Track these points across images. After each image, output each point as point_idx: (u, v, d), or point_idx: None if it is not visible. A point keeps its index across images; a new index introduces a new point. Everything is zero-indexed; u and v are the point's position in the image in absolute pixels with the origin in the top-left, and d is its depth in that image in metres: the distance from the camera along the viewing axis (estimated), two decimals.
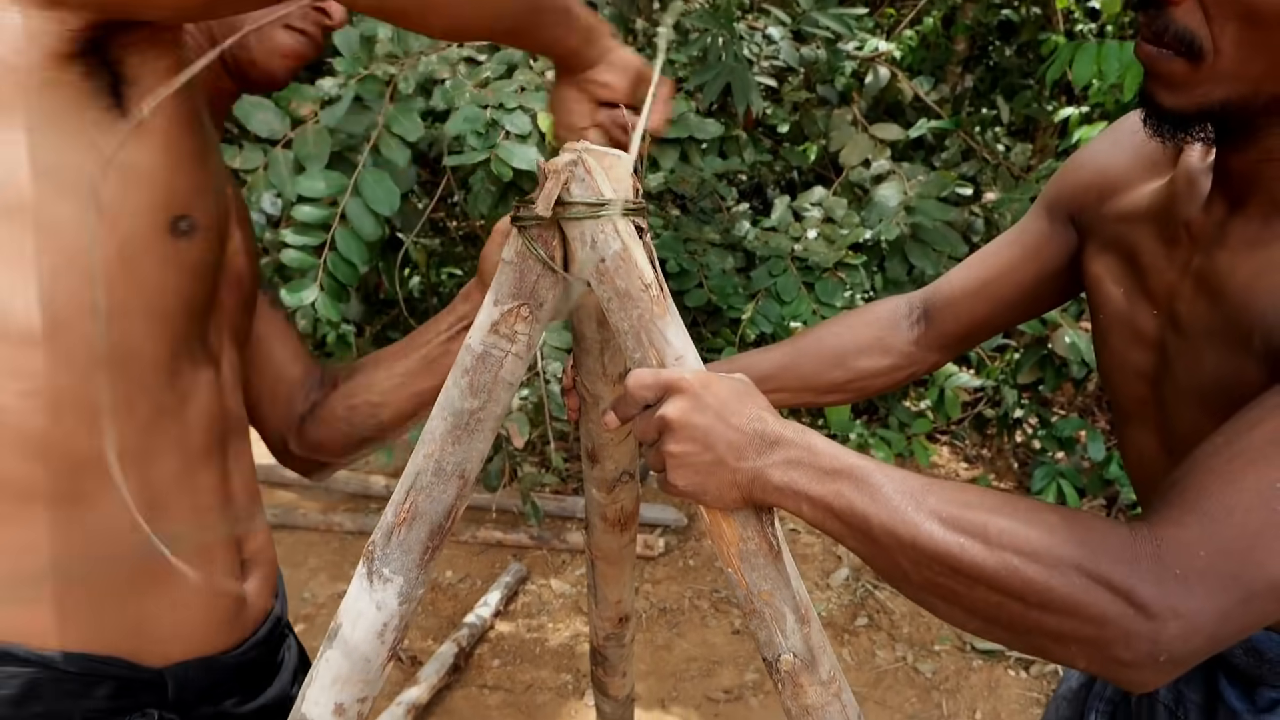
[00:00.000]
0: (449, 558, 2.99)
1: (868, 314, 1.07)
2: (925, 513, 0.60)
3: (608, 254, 0.69)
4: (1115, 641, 0.56)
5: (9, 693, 0.67)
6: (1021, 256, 0.98)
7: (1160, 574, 0.55)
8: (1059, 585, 0.56)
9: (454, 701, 2.37)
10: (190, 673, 0.79)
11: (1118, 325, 0.86)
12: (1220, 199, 0.75)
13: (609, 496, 0.95)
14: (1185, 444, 0.79)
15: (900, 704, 2.40)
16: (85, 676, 0.71)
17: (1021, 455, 3.59)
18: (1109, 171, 0.89)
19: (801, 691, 0.70)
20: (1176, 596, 0.55)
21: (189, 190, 0.73)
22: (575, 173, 0.69)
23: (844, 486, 0.62)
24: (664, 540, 3.03)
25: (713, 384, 0.66)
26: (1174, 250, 0.79)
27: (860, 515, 0.61)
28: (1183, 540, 0.56)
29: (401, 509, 0.72)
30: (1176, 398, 0.79)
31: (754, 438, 0.64)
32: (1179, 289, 0.78)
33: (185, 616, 0.78)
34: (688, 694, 2.42)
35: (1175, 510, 0.57)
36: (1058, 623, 0.57)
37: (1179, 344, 0.78)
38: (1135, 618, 0.55)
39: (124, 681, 0.72)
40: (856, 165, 2.95)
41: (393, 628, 0.75)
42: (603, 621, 1.12)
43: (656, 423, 0.66)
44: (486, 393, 0.70)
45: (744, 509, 0.68)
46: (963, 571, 0.59)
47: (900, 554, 0.61)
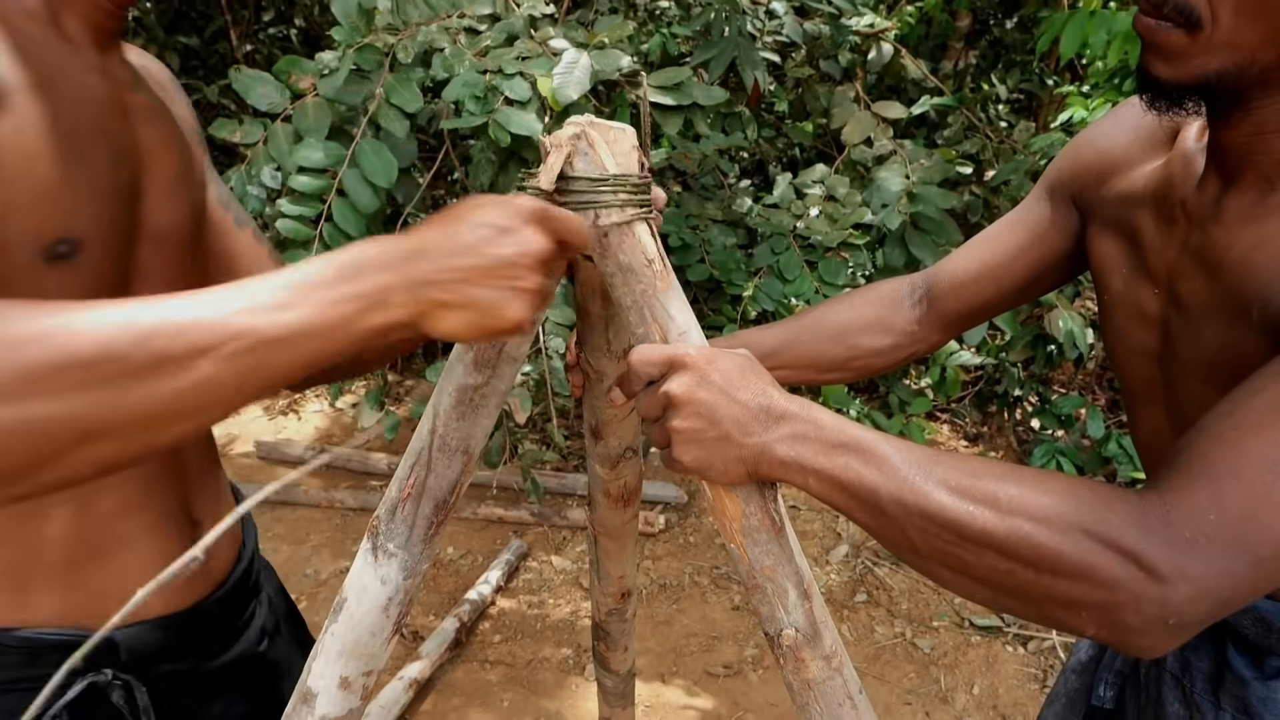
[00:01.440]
0: (450, 534, 3.00)
1: (870, 293, 1.08)
2: (934, 482, 0.60)
3: (610, 228, 0.69)
4: (1125, 605, 0.56)
5: None
6: (1024, 239, 0.98)
7: (1169, 537, 0.55)
8: (1069, 549, 0.56)
9: (455, 676, 2.38)
10: (141, 634, 0.79)
11: (1122, 306, 0.87)
12: (1214, 175, 0.76)
13: (612, 472, 0.95)
14: (1192, 420, 0.79)
15: (899, 679, 2.42)
16: (30, 649, 0.72)
17: (1021, 433, 3.60)
18: (1109, 153, 0.90)
19: (803, 666, 0.71)
20: (1185, 559, 0.55)
21: (64, 206, 0.65)
22: (578, 146, 0.68)
23: (851, 459, 0.62)
24: (664, 517, 3.04)
25: (717, 359, 0.66)
26: (1172, 229, 0.80)
27: (868, 487, 0.61)
28: (1191, 504, 0.56)
29: (406, 484, 0.72)
30: (1181, 375, 0.80)
31: (759, 412, 0.64)
32: (1178, 267, 0.79)
33: (131, 580, 0.76)
34: (688, 669, 2.44)
35: (1182, 475, 0.58)
36: (1068, 588, 0.57)
37: (1180, 322, 0.79)
38: (1145, 581, 0.55)
39: (72, 649, 0.69)
40: (859, 143, 2.93)
41: (397, 602, 0.75)
42: (605, 597, 1.13)
43: (661, 399, 0.65)
44: (490, 368, 0.70)
45: (748, 484, 0.68)
46: (973, 539, 0.59)
47: (909, 524, 0.61)
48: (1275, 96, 0.68)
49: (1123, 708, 0.97)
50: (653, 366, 0.67)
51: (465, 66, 1.94)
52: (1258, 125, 0.69)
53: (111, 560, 0.76)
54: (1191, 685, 0.86)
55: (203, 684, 0.86)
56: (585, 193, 0.68)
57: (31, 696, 0.69)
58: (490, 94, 1.89)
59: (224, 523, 0.53)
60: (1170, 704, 0.88)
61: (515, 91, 1.88)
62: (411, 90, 1.94)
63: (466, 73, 1.91)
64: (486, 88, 1.89)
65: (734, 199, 3.04)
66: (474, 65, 1.95)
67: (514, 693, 2.34)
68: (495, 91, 1.90)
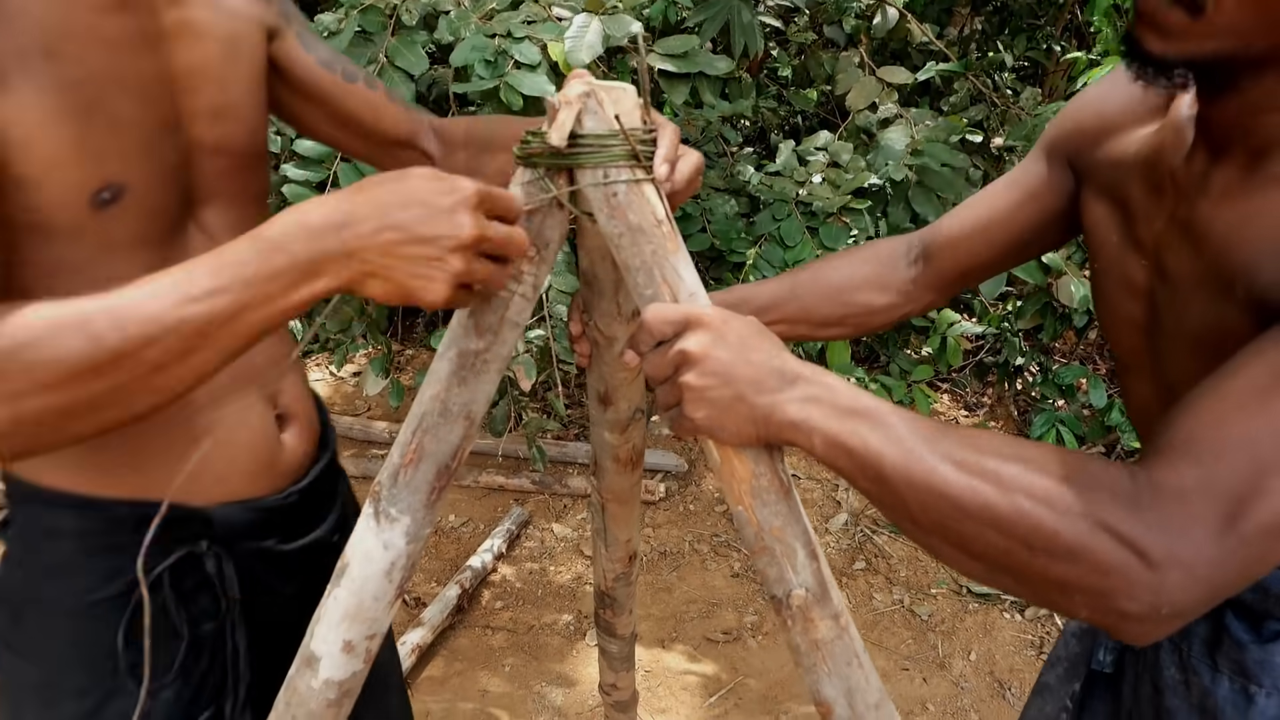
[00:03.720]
0: (452, 502, 3.01)
1: (867, 251, 1.08)
2: (939, 455, 0.60)
3: (620, 188, 0.68)
4: (1119, 591, 0.56)
5: (79, 527, 0.82)
6: (1021, 199, 0.98)
7: (1161, 522, 0.56)
8: (1067, 531, 0.56)
9: (458, 642, 2.41)
10: (233, 513, 0.88)
11: (1112, 274, 0.87)
12: (1202, 149, 0.75)
13: (622, 437, 0.95)
14: (1179, 392, 0.79)
15: (896, 645, 2.45)
16: (140, 518, 0.79)
17: (1022, 403, 3.60)
18: (1105, 115, 0.89)
19: (813, 626, 0.71)
20: (1176, 544, 0.55)
21: (95, 159, 0.70)
22: (588, 104, 0.67)
23: (860, 425, 0.62)
24: (665, 485, 3.05)
25: (731, 320, 0.66)
26: (1160, 200, 0.79)
27: (874, 454, 0.61)
28: (1176, 486, 0.57)
29: (408, 450, 0.72)
30: (1168, 347, 0.80)
31: (773, 373, 0.64)
32: (1165, 239, 0.78)
33: (226, 465, 0.87)
34: (688, 635, 2.46)
35: (1165, 455, 0.58)
36: (1063, 570, 0.57)
37: (1166, 294, 0.79)
38: (1139, 567, 0.55)
39: (174, 519, 0.80)
40: (863, 109, 2.90)
41: (400, 567, 0.75)
42: (612, 563, 1.13)
43: (675, 356, 0.65)
44: (493, 333, 0.70)
45: (756, 445, 0.68)
46: (973, 515, 0.59)
47: (911, 495, 0.61)
48: (1265, 77, 0.67)
49: (1122, 672, 0.98)
50: (668, 325, 0.66)
51: (471, 30, 1.92)
52: (1246, 104, 0.69)
53: (213, 446, 0.85)
54: (1189, 649, 0.87)
55: (281, 563, 0.95)
56: (595, 149, 0.67)
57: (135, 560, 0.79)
58: (500, 58, 1.88)
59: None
60: (1167, 668, 0.89)
61: (525, 55, 1.86)
62: (416, 53, 1.92)
63: (474, 36, 1.89)
64: (496, 52, 1.87)
65: (736, 167, 3.01)
66: (480, 29, 1.93)
67: (516, 658, 2.36)
68: (505, 55, 1.88)
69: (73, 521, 0.83)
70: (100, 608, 0.84)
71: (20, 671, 0.86)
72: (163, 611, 0.85)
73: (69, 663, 0.84)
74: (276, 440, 0.93)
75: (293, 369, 0.98)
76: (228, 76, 0.84)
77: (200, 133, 0.82)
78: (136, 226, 0.75)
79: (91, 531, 0.83)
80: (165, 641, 0.86)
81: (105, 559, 0.83)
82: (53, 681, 0.85)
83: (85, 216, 0.71)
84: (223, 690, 0.91)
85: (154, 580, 0.84)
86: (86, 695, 0.84)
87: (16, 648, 0.86)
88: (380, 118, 1.03)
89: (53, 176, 0.68)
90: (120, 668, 0.83)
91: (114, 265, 0.75)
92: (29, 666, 0.85)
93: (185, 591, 0.87)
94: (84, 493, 0.82)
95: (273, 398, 0.93)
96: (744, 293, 1.03)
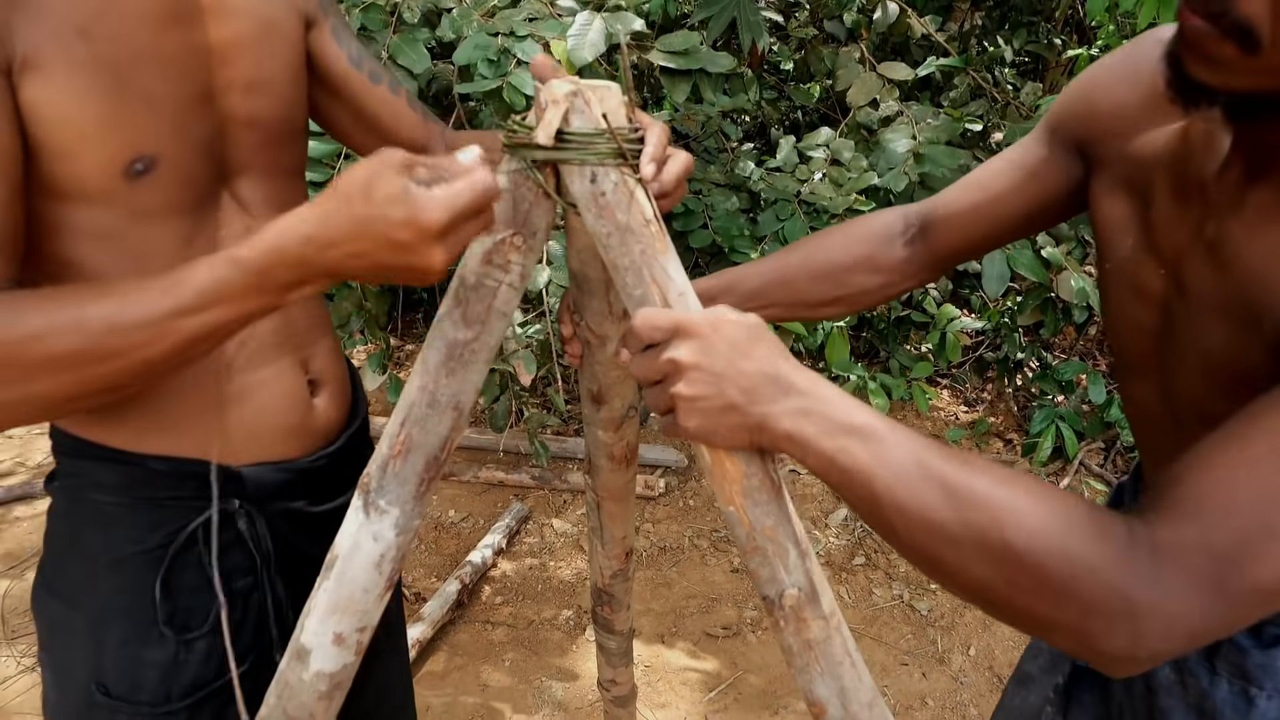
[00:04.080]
0: (451, 497, 3.02)
1: (860, 228, 1.04)
2: (933, 482, 0.60)
3: (608, 187, 0.68)
4: (1098, 634, 0.56)
5: (118, 480, 0.86)
6: (1022, 179, 0.94)
7: (1153, 575, 0.55)
8: (1053, 571, 0.56)
9: (458, 637, 2.41)
10: (264, 473, 0.92)
11: (1123, 277, 0.83)
12: (1239, 163, 0.70)
13: (615, 435, 0.95)
14: (1185, 404, 0.78)
15: (896, 640, 2.45)
16: (174, 474, 0.86)
17: (1021, 399, 3.60)
18: (1124, 106, 0.84)
19: (805, 626, 0.71)
20: (1165, 598, 0.55)
21: (127, 132, 0.74)
22: (575, 104, 0.67)
23: (852, 443, 0.61)
24: (664, 481, 3.05)
25: (723, 325, 0.65)
26: (1186, 208, 0.75)
27: (865, 475, 0.61)
28: (1178, 543, 0.56)
29: (396, 441, 0.72)
30: (1178, 361, 0.77)
31: (766, 381, 0.63)
32: (1189, 252, 0.75)
33: (258, 427, 0.91)
34: (687, 630, 2.46)
35: (1172, 510, 0.57)
36: (1046, 609, 0.57)
37: (1184, 309, 0.75)
38: (1121, 614, 0.55)
39: (207, 478, 0.87)
40: (864, 105, 2.90)
41: (390, 559, 0.75)
42: (609, 560, 1.13)
43: (665, 365, 0.64)
44: (480, 324, 0.70)
45: (750, 450, 0.67)
46: (961, 545, 0.59)
47: (900, 520, 0.61)
48: None
49: None
50: (657, 331, 0.65)
51: (473, 29, 1.92)
52: None
53: (241, 406, 0.89)
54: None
55: (310, 524, 0.97)
56: (581, 146, 0.67)
57: (173, 513, 0.87)
58: (503, 57, 1.88)
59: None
60: (1161, 668, 0.87)
61: (527, 54, 1.86)
62: (418, 50, 1.92)
63: (476, 34, 1.89)
64: (499, 50, 1.87)
65: (736, 162, 3.01)
66: (482, 26, 1.93)
67: (516, 652, 2.36)
68: (508, 54, 1.88)
69: (114, 475, 0.86)
70: (139, 559, 0.87)
71: (65, 619, 0.89)
72: (198, 566, 0.89)
73: (110, 611, 0.88)
74: (308, 404, 0.96)
75: (326, 336, 1.00)
76: (263, 52, 0.87)
77: (234, 105, 0.85)
78: (170, 196, 0.79)
79: (131, 485, 0.87)
80: (200, 595, 0.89)
81: (145, 512, 0.87)
82: (96, 629, 0.88)
83: (119, 186, 0.75)
84: (260, 644, 0.94)
85: (189, 536, 0.88)
86: (127, 643, 0.88)
87: (61, 595, 0.89)
88: (399, 123, 1.05)
89: (87, 149, 0.72)
90: (158, 618, 0.87)
91: (149, 232, 0.80)
92: (73, 614, 0.89)
93: (219, 548, 0.90)
94: (124, 448, 0.86)
95: (305, 363, 0.96)
96: (733, 277, 1.01)
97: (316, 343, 0.98)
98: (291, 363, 0.94)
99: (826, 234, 1.05)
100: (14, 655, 2.27)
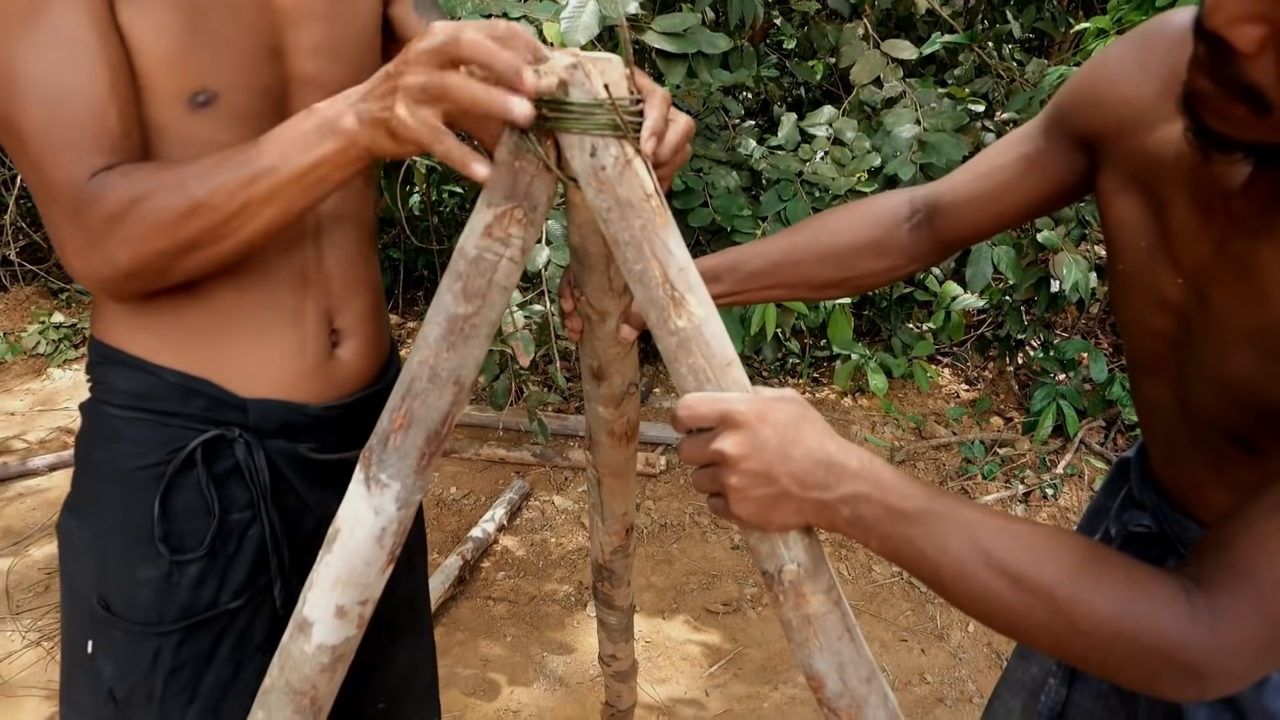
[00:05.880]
0: (453, 474, 3.03)
1: (866, 211, 1.03)
2: (994, 571, 0.63)
3: (608, 161, 0.67)
4: (1167, 690, 0.63)
5: (132, 388, 0.90)
6: (1026, 169, 0.94)
7: (1215, 646, 0.60)
8: (1119, 651, 0.61)
9: (461, 612, 2.43)
10: (270, 409, 0.94)
11: (1138, 282, 0.81)
12: (1265, 184, 0.68)
13: (616, 411, 0.95)
14: (1202, 411, 0.78)
15: (895, 617, 2.46)
16: (184, 388, 0.90)
17: (1023, 377, 3.60)
18: (1135, 102, 0.81)
19: (804, 601, 0.71)
20: (1225, 662, 0.60)
21: (195, 67, 0.81)
22: (574, 76, 0.67)
23: (914, 532, 0.64)
24: (665, 458, 3.06)
25: (769, 412, 0.65)
26: (1208, 220, 0.73)
27: (930, 565, 0.64)
28: (1235, 613, 0.60)
29: (397, 415, 0.72)
30: (1197, 372, 0.76)
31: (818, 467, 0.65)
32: (1213, 269, 0.72)
33: (267, 361, 0.93)
34: (688, 606, 2.48)
35: (1226, 577, 0.61)
36: (1114, 674, 0.63)
37: (1207, 327, 0.74)
38: (1187, 674, 0.61)
39: (213, 400, 0.91)
40: (867, 84, 2.87)
41: (391, 532, 0.75)
42: (610, 536, 1.13)
43: (713, 454, 0.66)
44: (480, 298, 0.70)
45: None
46: (1029, 628, 0.64)
47: (967, 605, 0.65)
48: None
49: None
50: (703, 420, 0.67)
51: (468, 10, 1.91)
52: None
53: (254, 340, 0.92)
54: None
55: (313, 471, 0.99)
56: (580, 115, 0.66)
57: (177, 432, 0.90)
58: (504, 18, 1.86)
59: None
60: None
61: None
62: None
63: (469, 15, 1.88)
64: None
65: (737, 140, 2.99)
66: (476, 7, 1.91)
67: (518, 628, 2.38)
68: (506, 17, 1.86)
69: (129, 382, 0.90)
70: (140, 475, 0.89)
71: (75, 533, 0.93)
72: (196, 488, 0.91)
73: (110, 526, 0.90)
74: (326, 352, 0.97)
75: (363, 295, 1.02)
76: (334, 19, 0.91)
77: (299, 65, 0.90)
78: (227, 133, 0.84)
79: (144, 394, 0.90)
80: (196, 519, 0.91)
81: (150, 428, 0.90)
82: (98, 543, 0.91)
83: (182, 115, 0.82)
84: (255, 580, 0.95)
85: (187, 457, 0.90)
86: (125, 560, 0.90)
87: (74, 510, 0.93)
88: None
89: (160, 76, 0.80)
90: (153, 536, 0.89)
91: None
92: (81, 527, 0.92)
93: (217, 474, 0.92)
94: (143, 356, 0.89)
95: (330, 312, 0.98)
96: (737, 256, 1.01)
97: (351, 298, 1.00)
98: (314, 310, 0.96)
99: (831, 215, 1.05)
100: (19, 630, 2.28)
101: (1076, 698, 1.00)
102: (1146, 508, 0.93)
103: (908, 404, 3.47)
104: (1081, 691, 1.00)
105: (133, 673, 0.91)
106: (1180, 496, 0.88)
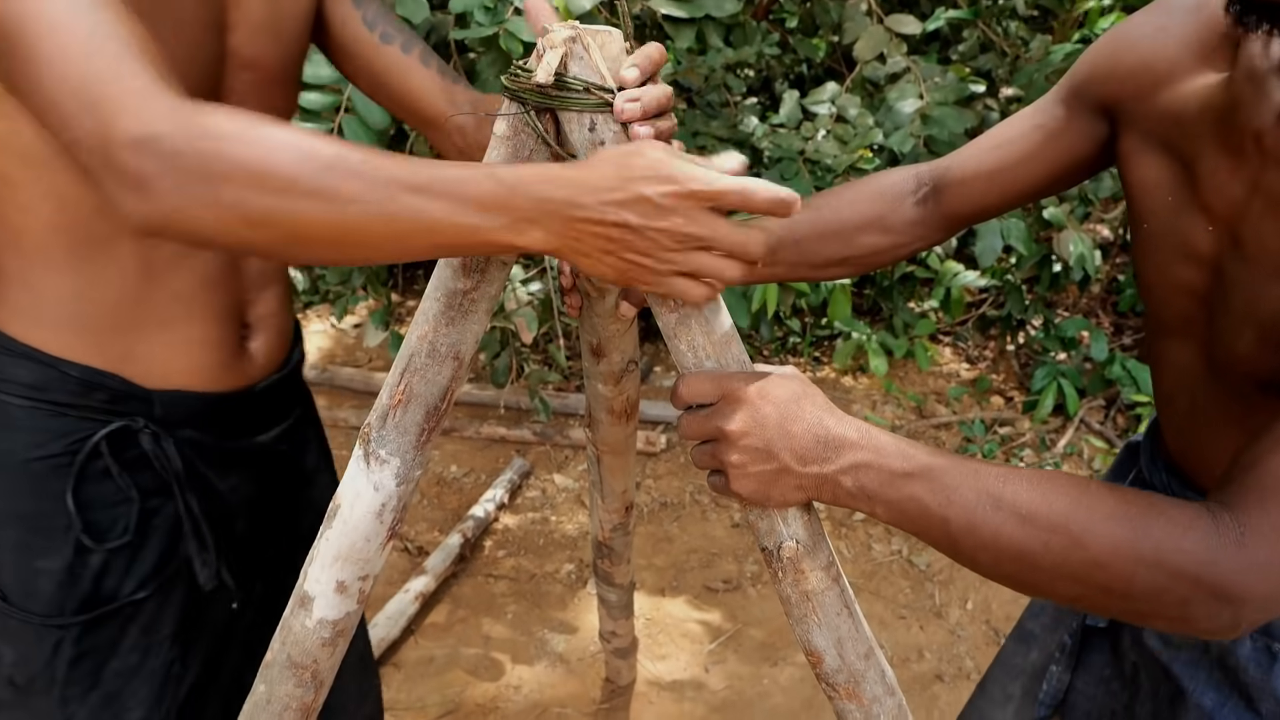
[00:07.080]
0: (454, 453, 3.03)
1: (871, 186, 1.01)
2: (1004, 512, 0.61)
3: (607, 136, 0.67)
4: (1200, 618, 0.60)
5: (31, 380, 0.87)
6: (1042, 142, 0.92)
7: (1243, 562, 0.58)
8: (1143, 579, 0.59)
9: (461, 590, 2.44)
10: (175, 400, 0.93)
11: (1165, 238, 0.81)
12: None
13: (615, 389, 0.95)
14: (1233, 365, 0.77)
15: (894, 594, 2.47)
16: (85, 382, 0.88)
17: (1023, 356, 3.60)
18: (1155, 61, 0.80)
19: (803, 577, 0.71)
20: (1257, 581, 0.58)
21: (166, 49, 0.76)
22: (574, 50, 0.66)
23: (918, 489, 0.63)
24: (665, 437, 3.06)
25: (769, 389, 0.65)
26: (1240, 163, 0.72)
27: (938, 519, 0.63)
28: (1266, 527, 0.58)
29: (396, 391, 0.72)
30: (1229, 321, 0.76)
31: (817, 442, 0.64)
32: (1246, 208, 0.72)
33: (176, 355, 0.92)
34: (688, 584, 2.49)
35: (1256, 495, 0.59)
36: (1143, 607, 0.61)
37: (1240, 268, 0.73)
38: (1219, 598, 0.58)
39: (117, 393, 0.89)
40: (871, 60, 2.85)
41: (391, 508, 0.76)
42: (610, 514, 1.14)
43: (713, 430, 0.66)
44: (479, 273, 0.69)
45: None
46: (1046, 569, 0.61)
47: (983, 554, 0.63)
48: None
49: (1119, 626, 0.97)
50: (702, 396, 0.67)
51: None
52: None
53: (164, 332, 0.91)
54: None
55: (220, 458, 0.99)
56: (578, 94, 0.66)
57: (78, 423, 0.88)
58: (500, 4, 1.85)
59: None
60: None
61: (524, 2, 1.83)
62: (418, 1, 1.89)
63: None
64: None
65: (739, 117, 2.97)
66: None
67: (519, 605, 2.39)
68: (505, 2, 1.85)
69: (27, 373, 0.88)
70: (39, 465, 0.88)
71: None
72: (99, 479, 0.90)
73: (6, 515, 0.89)
74: (236, 344, 0.97)
75: (275, 283, 1.01)
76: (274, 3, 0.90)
77: (238, 44, 0.88)
78: None
79: (41, 386, 0.88)
80: (98, 510, 0.91)
81: (48, 419, 0.88)
82: (5, 538, 0.89)
83: None
84: (163, 569, 0.95)
85: (93, 448, 0.89)
86: (22, 549, 0.89)
87: None
88: (409, 84, 1.03)
89: None
90: (52, 526, 0.88)
91: None
92: None
93: (126, 462, 0.91)
94: (41, 348, 0.87)
95: (243, 306, 0.97)
96: None
97: (264, 289, 0.99)
98: (226, 304, 0.95)
99: (834, 192, 1.03)
100: None
101: (1079, 684, 1.00)
102: (1157, 489, 0.93)
103: (908, 383, 3.47)
104: (1084, 678, 1.00)
105: (33, 661, 0.90)
106: (1195, 471, 0.88)
